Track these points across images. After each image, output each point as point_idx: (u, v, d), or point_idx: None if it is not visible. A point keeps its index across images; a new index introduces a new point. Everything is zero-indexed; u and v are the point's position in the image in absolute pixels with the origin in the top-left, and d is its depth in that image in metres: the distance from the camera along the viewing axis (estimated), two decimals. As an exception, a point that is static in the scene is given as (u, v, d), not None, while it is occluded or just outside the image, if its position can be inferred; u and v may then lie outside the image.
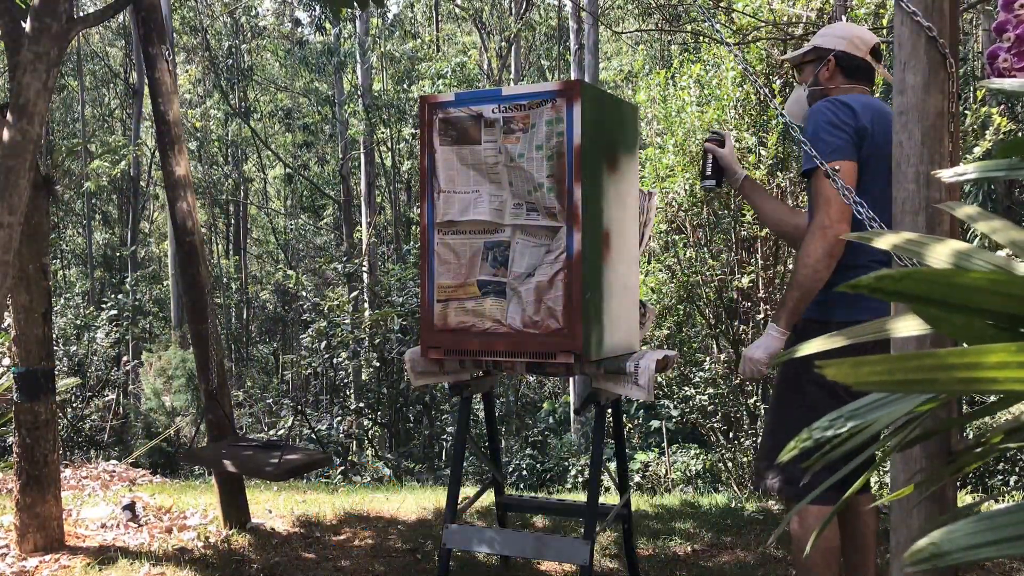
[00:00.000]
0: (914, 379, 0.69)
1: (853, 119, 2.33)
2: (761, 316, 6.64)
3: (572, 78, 11.81)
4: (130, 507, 4.17)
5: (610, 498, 5.50)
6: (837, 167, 2.26)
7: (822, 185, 2.29)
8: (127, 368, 12.85)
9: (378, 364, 9.31)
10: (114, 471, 6.59)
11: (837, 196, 2.23)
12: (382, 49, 16.29)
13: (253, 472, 3.46)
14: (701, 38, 7.54)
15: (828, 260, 2.30)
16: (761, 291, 6.66)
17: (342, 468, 9.01)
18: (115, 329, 12.32)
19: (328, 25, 14.61)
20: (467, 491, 4.24)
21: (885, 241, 1.10)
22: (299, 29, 20.38)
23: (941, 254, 0.99)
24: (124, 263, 18.29)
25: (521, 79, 17.02)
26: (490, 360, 2.77)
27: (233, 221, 22.77)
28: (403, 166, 19.00)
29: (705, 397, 6.94)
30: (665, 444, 8.02)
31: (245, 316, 20.90)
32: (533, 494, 6.76)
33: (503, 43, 16.16)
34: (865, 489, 2.53)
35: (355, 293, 10.40)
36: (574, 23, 11.82)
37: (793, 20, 6.10)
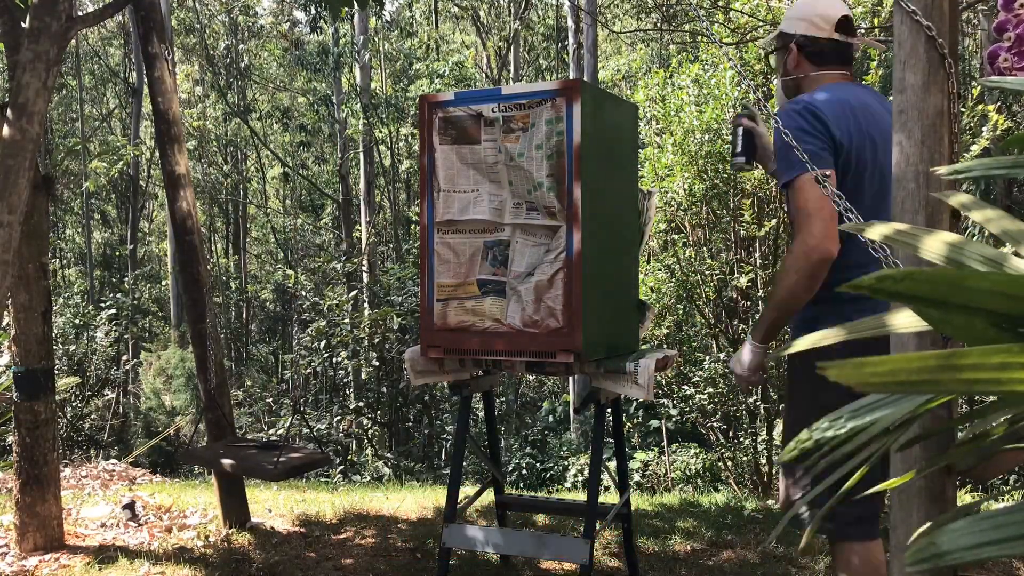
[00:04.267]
0: (917, 380, 0.69)
1: (824, 128, 2.10)
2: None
3: (571, 77, 11.81)
4: (130, 506, 4.17)
5: (610, 497, 5.51)
6: (828, 173, 2.04)
7: (801, 199, 2.06)
8: (127, 367, 12.85)
9: (378, 364, 9.30)
10: (114, 470, 6.60)
11: (819, 211, 2.02)
12: (380, 48, 16.27)
13: (251, 472, 3.46)
14: (699, 38, 7.54)
15: (809, 282, 2.06)
16: (760, 290, 6.66)
17: (342, 467, 9.01)
18: (114, 328, 12.30)
19: (325, 24, 14.59)
20: (467, 490, 4.24)
21: (876, 232, 1.10)
22: (297, 28, 20.38)
23: (932, 246, 0.99)
24: (123, 262, 18.31)
25: (519, 78, 17.00)
26: (490, 359, 2.77)
27: (232, 220, 22.78)
28: (402, 165, 19.00)
29: (705, 396, 6.94)
30: (665, 443, 8.02)
31: (245, 315, 20.91)
32: (533, 493, 6.77)
33: (501, 43, 16.15)
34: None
35: (354, 292, 10.40)
36: (572, 22, 11.81)
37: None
